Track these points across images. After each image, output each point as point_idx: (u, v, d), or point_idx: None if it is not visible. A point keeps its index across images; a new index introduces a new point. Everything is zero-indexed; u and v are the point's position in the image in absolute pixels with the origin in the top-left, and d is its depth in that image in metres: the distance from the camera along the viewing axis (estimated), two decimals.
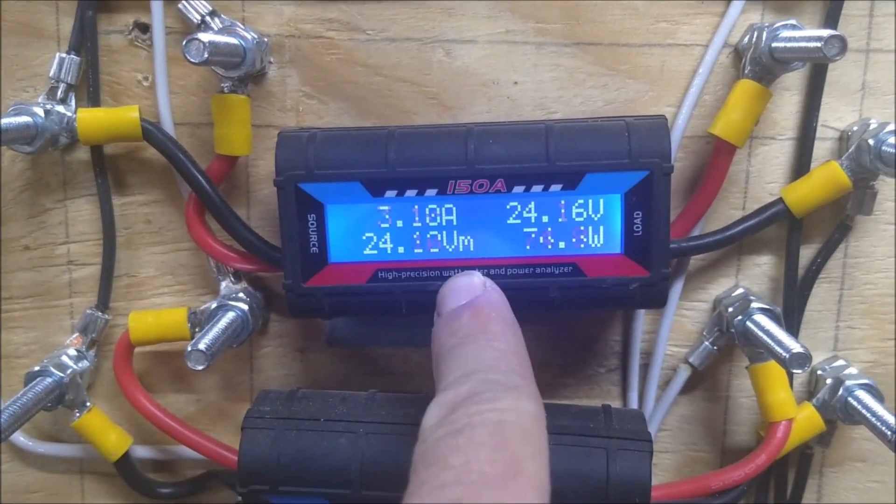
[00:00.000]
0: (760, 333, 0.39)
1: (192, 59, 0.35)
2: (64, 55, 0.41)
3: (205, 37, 0.35)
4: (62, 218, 0.43)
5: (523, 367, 0.30)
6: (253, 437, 0.37)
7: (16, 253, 0.44)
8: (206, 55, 0.35)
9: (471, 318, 0.32)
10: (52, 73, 0.41)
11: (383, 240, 0.37)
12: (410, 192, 0.37)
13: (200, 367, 0.37)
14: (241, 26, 0.40)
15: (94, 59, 0.41)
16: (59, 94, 0.41)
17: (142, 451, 0.45)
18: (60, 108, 0.40)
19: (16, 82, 0.42)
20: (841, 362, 0.43)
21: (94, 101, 0.41)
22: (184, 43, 0.35)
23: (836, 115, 0.41)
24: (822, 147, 0.41)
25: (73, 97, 0.41)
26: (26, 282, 0.44)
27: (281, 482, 0.37)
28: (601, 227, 0.37)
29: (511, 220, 0.37)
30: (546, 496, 0.25)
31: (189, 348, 0.38)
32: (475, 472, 0.24)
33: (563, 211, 0.37)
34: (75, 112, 0.40)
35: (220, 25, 0.40)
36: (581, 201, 0.36)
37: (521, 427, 0.26)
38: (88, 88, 0.41)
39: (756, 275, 0.43)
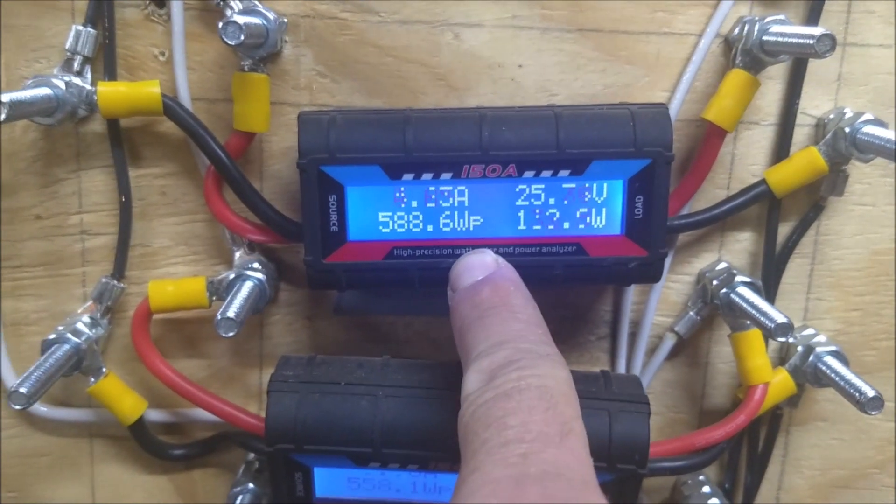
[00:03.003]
0: (745, 305, 0.45)
1: (228, 41, 0.39)
2: (80, 27, 0.44)
3: (240, 19, 0.39)
4: (75, 188, 0.47)
5: (547, 337, 0.35)
6: (279, 399, 0.42)
7: (27, 222, 0.47)
8: (241, 37, 0.39)
9: (491, 292, 0.36)
10: (68, 46, 0.44)
11: (399, 220, 0.42)
12: (427, 176, 0.41)
13: (231, 334, 0.41)
14: (261, 6, 0.43)
15: (111, 33, 0.44)
16: (76, 66, 0.44)
17: (153, 415, 0.49)
18: (78, 81, 0.43)
19: (29, 53, 0.45)
20: (811, 331, 0.49)
21: (111, 74, 0.45)
22: (220, 25, 0.39)
23: (813, 104, 0.47)
24: (800, 133, 0.47)
25: (90, 70, 0.44)
26: (37, 251, 0.47)
27: (306, 441, 0.42)
28: (604, 210, 0.42)
29: (520, 202, 0.42)
30: (588, 450, 0.30)
31: (219, 316, 0.42)
32: (535, 431, 0.29)
33: (569, 195, 0.41)
34: (91, 85, 0.43)
35: (241, 6, 0.43)
36: (587, 186, 0.41)
37: (562, 391, 0.32)
38: (105, 62, 0.44)
39: (737, 250, 0.49)
